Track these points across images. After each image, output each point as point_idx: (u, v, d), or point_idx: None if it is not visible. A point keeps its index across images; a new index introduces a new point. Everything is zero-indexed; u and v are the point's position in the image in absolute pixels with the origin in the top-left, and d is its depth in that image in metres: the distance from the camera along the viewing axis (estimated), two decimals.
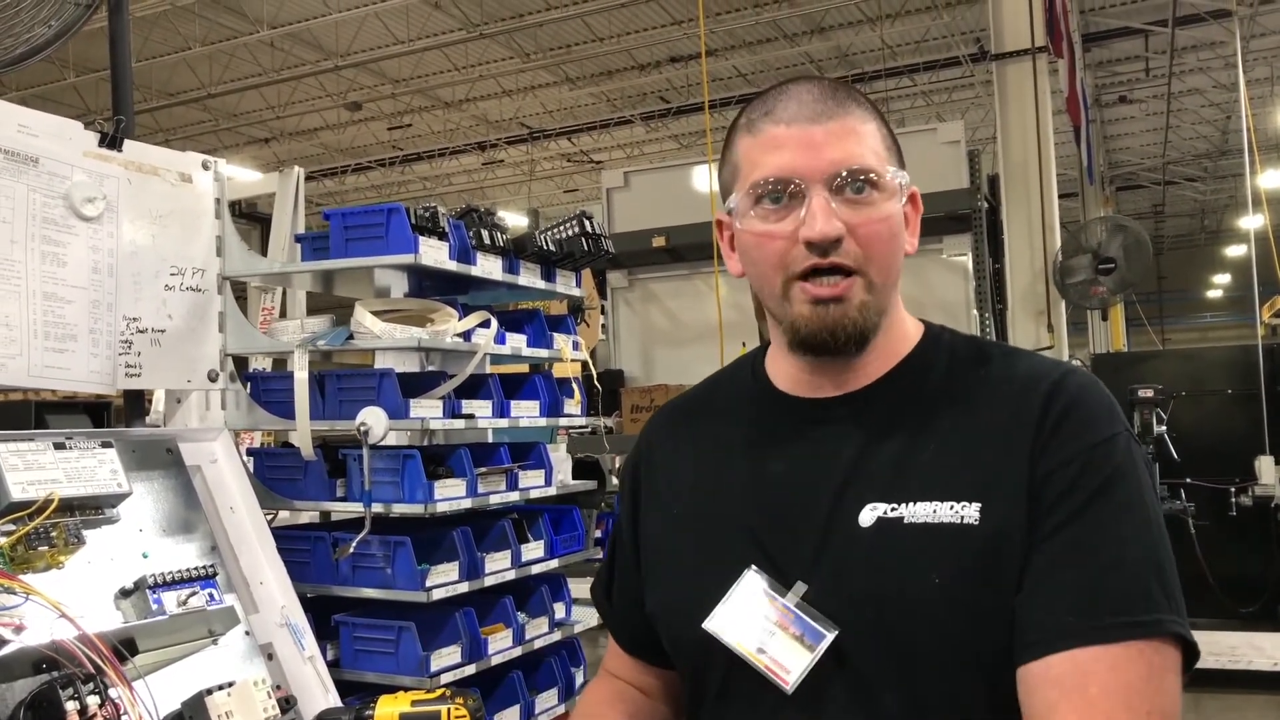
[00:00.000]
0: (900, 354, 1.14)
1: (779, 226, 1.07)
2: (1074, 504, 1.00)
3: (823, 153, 1.06)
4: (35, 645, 1.50)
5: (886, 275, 1.09)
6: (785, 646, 1.03)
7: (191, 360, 2.35)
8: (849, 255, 1.06)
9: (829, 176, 1.05)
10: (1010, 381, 1.09)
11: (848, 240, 1.05)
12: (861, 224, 1.06)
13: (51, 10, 2.11)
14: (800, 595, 1.05)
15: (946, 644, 1.00)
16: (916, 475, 1.05)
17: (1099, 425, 1.04)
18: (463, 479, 2.46)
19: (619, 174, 8.13)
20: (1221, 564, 6.04)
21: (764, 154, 1.08)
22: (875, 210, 1.06)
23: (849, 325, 1.06)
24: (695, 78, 14.07)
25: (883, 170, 1.07)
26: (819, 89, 1.10)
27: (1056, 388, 1.06)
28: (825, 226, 1.04)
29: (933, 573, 1.00)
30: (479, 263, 2.58)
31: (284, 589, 2.07)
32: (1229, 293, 27.27)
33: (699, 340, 7.43)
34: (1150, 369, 6.88)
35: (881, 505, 1.04)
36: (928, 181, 6.70)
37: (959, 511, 1.01)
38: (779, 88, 1.13)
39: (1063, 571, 0.98)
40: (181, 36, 12.43)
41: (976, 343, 1.17)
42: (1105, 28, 13.02)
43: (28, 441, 1.73)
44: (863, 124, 1.09)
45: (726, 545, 1.12)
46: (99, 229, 2.14)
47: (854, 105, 1.10)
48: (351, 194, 19.74)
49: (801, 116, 1.08)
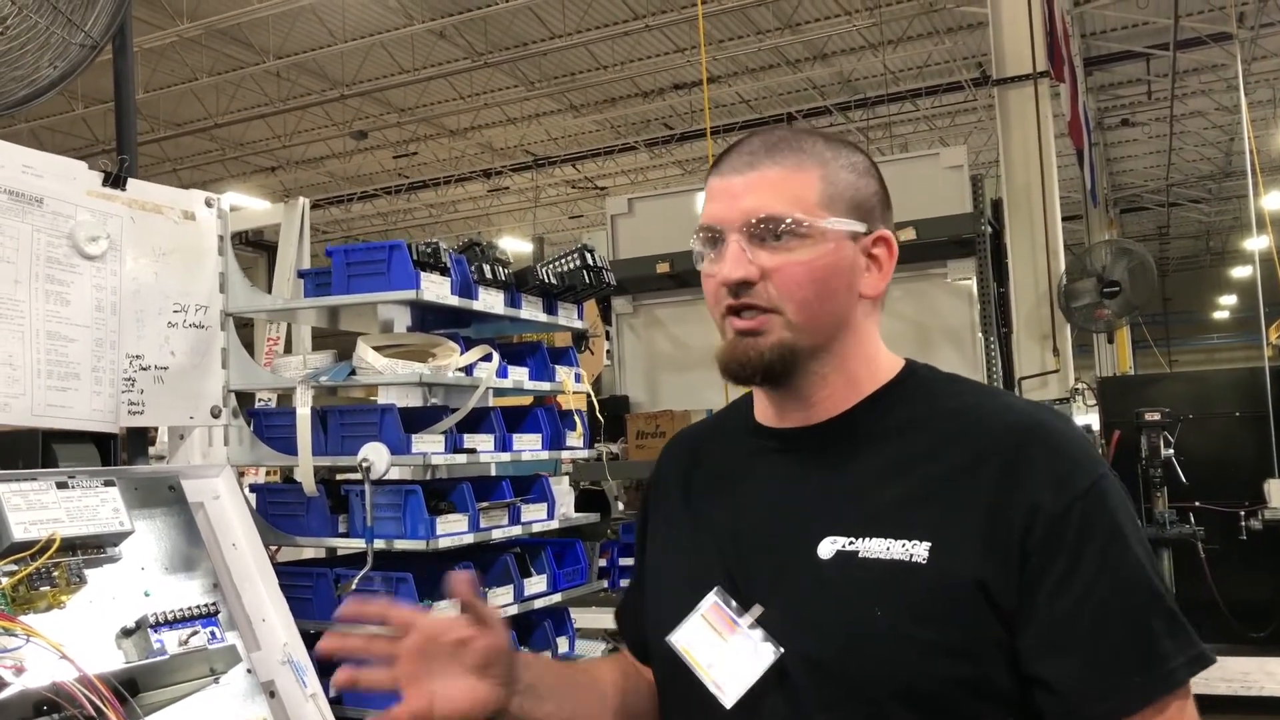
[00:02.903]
0: (866, 391, 1.18)
1: (711, 268, 1.16)
2: (1064, 561, 1.03)
3: (738, 202, 1.14)
4: (36, 687, 1.50)
5: (809, 316, 1.13)
6: (733, 664, 1.10)
7: (194, 397, 2.36)
8: (761, 296, 1.13)
9: (742, 224, 1.13)
10: (980, 423, 1.12)
11: (763, 283, 1.12)
12: (776, 268, 1.12)
13: (56, 52, 2.13)
14: (755, 617, 1.11)
15: (881, 677, 1.04)
16: (873, 511, 1.09)
17: (1082, 472, 1.06)
18: (465, 514, 2.46)
19: (623, 200, 8.15)
20: (1232, 588, 5.99)
21: (706, 203, 1.19)
22: (792, 255, 1.12)
23: (755, 358, 1.14)
24: (698, 104, 14.13)
25: (803, 218, 1.12)
26: (763, 141, 1.17)
27: (1030, 435, 1.08)
28: (730, 270, 1.12)
29: (876, 607, 1.04)
30: (480, 297, 2.58)
31: (286, 626, 2.07)
32: (1235, 314, 27.19)
33: (704, 365, 7.42)
34: (1157, 392, 6.85)
35: (841, 539, 1.09)
36: (931, 206, 6.70)
37: (908, 549, 1.05)
38: (739, 140, 1.21)
39: (1082, 631, 1.01)
40: (188, 67, 12.55)
41: (953, 381, 1.21)
42: (1107, 51, 13.08)
43: (30, 481, 1.74)
44: (792, 173, 1.14)
45: (702, 567, 1.19)
46: (102, 267, 2.15)
47: (790, 155, 1.15)
48: (357, 222, 19.84)
49: (731, 168, 1.16)
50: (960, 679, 1.02)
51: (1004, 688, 1.03)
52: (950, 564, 1.03)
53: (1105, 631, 1.01)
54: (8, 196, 1.98)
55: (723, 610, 1.13)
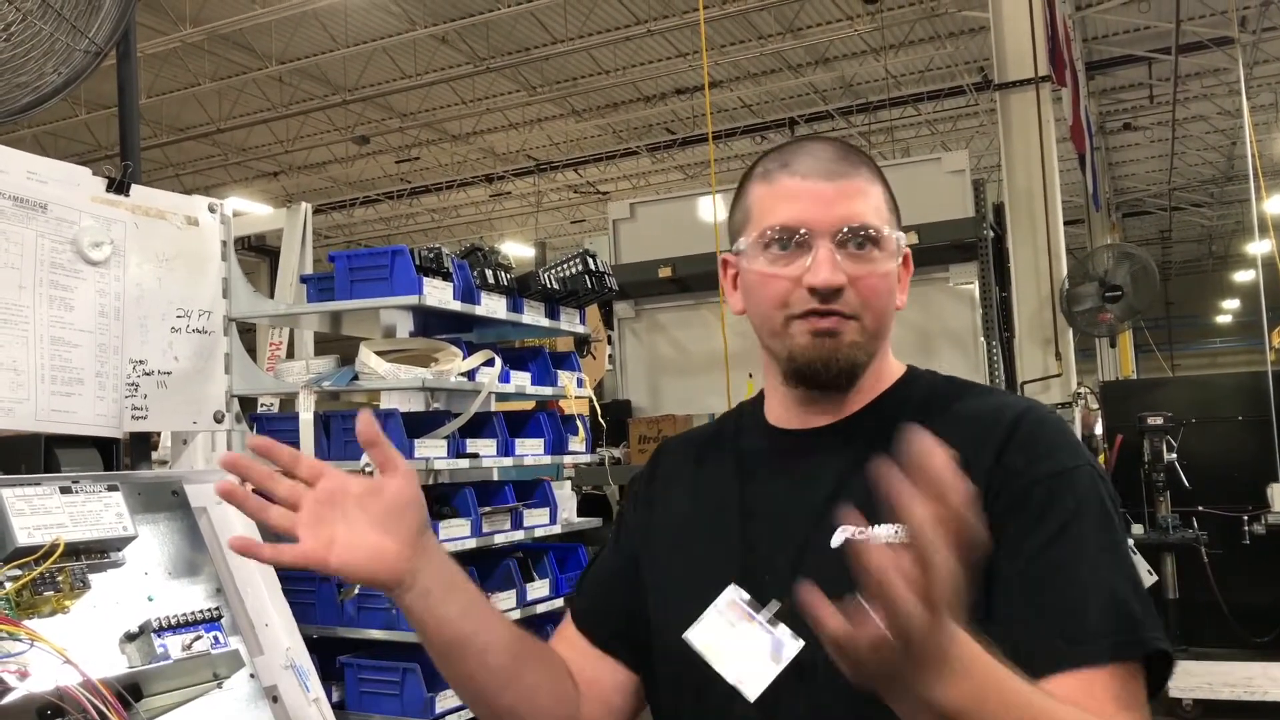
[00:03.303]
0: (879, 391, 1.22)
1: (785, 270, 1.15)
2: (1036, 522, 1.04)
3: (832, 208, 1.15)
4: (40, 692, 1.50)
5: (878, 323, 1.17)
6: (754, 659, 1.10)
7: (197, 402, 2.36)
8: (848, 304, 1.14)
9: (834, 230, 1.14)
10: (978, 410, 1.16)
11: (848, 290, 1.14)
12: (862, 277, 1.14)
13: (60, 59, 2.14)
14: (773, 612, 1.11)
15: None
16: (883, 499, 1.09)
17: (1065, 455, 1.10)
18: (467, 518, 2.46)
19: (625, 205, 8.16)
20: (1235, 593, 5.98)
21: (777, 202, 1.17)
22: (875, 266, 1.15)
23: (841, 359, 1.15)
24: (700, 109, 14.14)
25: (886, 229, 1.16)
26: (834, 149, 1.19)
27: (1021, 417, 1.13)
28: (830, 276, 1.12)
29: None
30: (483, 302, 2.59)
31: (289, 631, 2.07)
32: (1238, 318, 27.19)
33: (706, 370, 7.43)
34: (1160, 396, 6.85)
35: (851, 529, 1.10)
36: (933, 210, 6.70)
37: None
38: (796, 143, 1.21)
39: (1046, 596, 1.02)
40: (191, 72, 12.57)
41: (954, 381, 1.25)
42: (1108, 55, 13.08)
43: (34, 486, 1.74)
44: (870, 185, 1.18)
45: (714, 564, 1.19)
46: (106, 273, 2.16)
47: (864, 168, 1.19)
48: (360, 226, 19.85)
49: (815, 172, 1.16)
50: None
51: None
52: None
53: (1042, 596, 1.02)
54: (12, 203, 1.99)
55: (740, 605, 1.14)
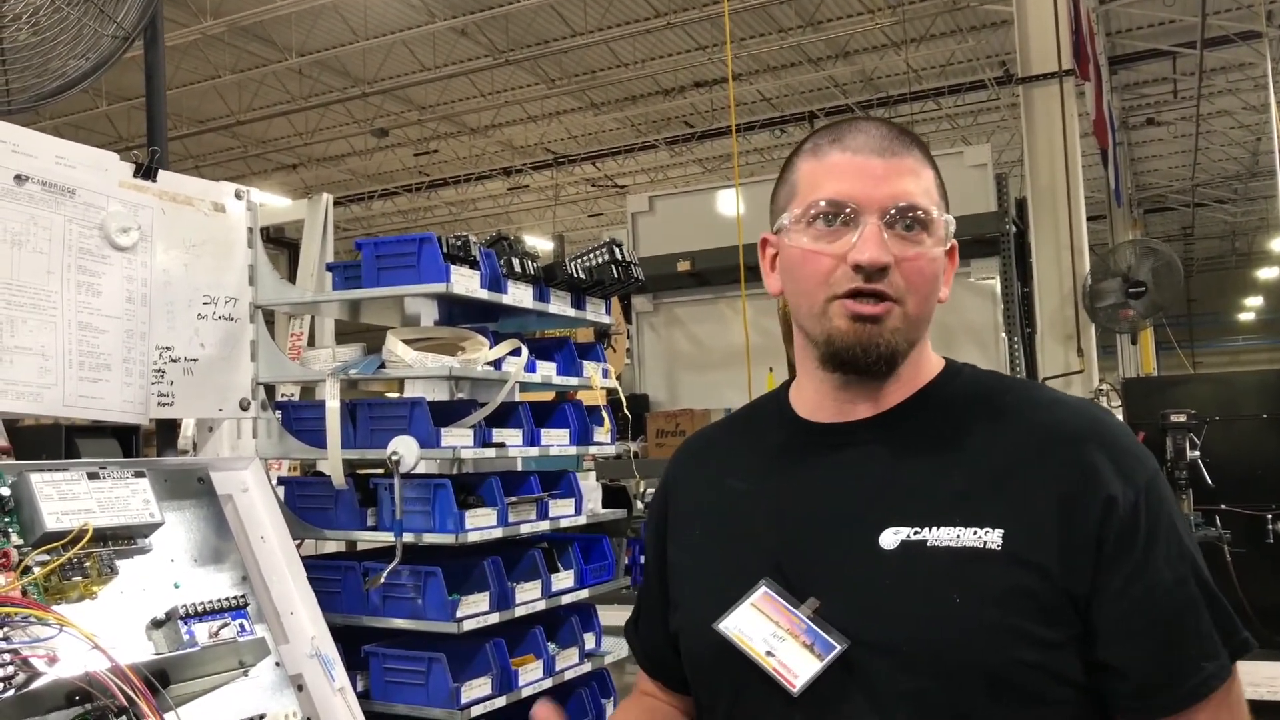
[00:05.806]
0: (921, 384, 1.19)
1: (829, 246, 1.12)
2: (1137, 551, 1.05)
3: (881, 185, 1.11)
4: (69, 677, 1.50)
5: (922, 310, 1.14)
6: (794, 653, 1.07)
7: (223, 389, 2.36)
8: (892, 285, 1.11)
9: (883, 208, 1.11)
10: (1036, 416, 1.13)
11: (893, 271, 1.10)
12: (909, 259, 1.11)
13: (88, 44, 2.13)
14: (814, 608, 1.09)
15: (963, 662, 1.03)
16: (939, 500, 1.09)
17: (1142, 466, 1.10)
18: (493, 508, 2.45)
19: (644, 198, 8.15)
20: (1259, 592, 5.89)
21: (825, 177, 1.14)
22: (922, 248, 1.12)
23: (882, 344, 1.11)
24: (719, 102, 14.11)
25: (933, 213, 1.13)
26: (887, 128, 1.16)
27: (1092, 429, 1.11)
28: (876, 253, 1.09)
29: (953, 594, 1.04)
30: (510, 291, 2.57)
31: (314, 619, 2.06)
32: (1261, 316, 26.95)
33: (724, 364, 7.41)
34: (1182, 393, 6.77)
35: (905, 529, 1.08)
36: (955, 205, 6.58)
37: (981, 537, 1.05)
38: (849, 121, 1.19)
39: (1152, 619, 1.05)
40: (211, 65, 12.62)
41: (997, 375, 1.23)
42: (1132, 50, 12.97)
43: (62, 472, 1.74)
44: (922, 167, 1.15)
45: (745, 562, 1.16)
46: (133, 259, 2.15)
47: (917, 149, 1.16)
48: (378, 219, 19.90)
49: (866, 148, 1.13)
50: (1039, 663, 1.03)
51: (1075, 672, 1.05)
52: (1024, 550, 1.04)
53: (1175, 620, 1.05)
54: (41, 187, 1.99)
55: (775, 600, 1.11)
